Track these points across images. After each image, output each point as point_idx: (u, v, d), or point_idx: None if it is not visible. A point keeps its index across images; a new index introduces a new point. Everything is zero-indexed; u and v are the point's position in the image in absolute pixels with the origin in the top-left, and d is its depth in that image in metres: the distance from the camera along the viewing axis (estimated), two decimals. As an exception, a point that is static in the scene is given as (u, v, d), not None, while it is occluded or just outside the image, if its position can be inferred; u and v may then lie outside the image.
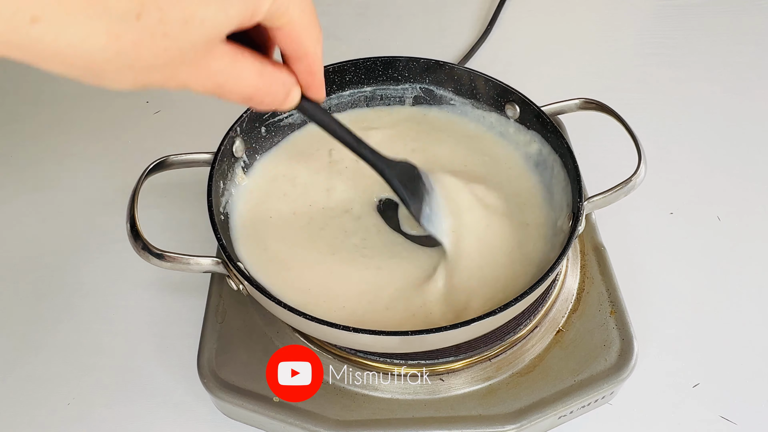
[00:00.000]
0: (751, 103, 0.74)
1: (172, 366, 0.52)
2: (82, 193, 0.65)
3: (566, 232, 0.46)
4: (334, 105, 0.57)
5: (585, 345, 0.48)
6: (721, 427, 0.49)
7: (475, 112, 0.57)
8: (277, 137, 0.55)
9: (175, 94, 0.73)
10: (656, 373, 0.51)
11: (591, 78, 0.77)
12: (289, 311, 0.40)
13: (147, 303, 0.56)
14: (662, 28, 0.84)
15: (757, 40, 0.82)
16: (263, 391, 0.45)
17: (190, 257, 0.42)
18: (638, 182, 0.46)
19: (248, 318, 0.49)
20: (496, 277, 0.47)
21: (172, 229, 0.60)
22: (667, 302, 0.55)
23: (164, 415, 0.50)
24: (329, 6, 0.87)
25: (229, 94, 0.29)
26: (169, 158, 0.47)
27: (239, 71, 0.29)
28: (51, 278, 0.58)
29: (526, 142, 0.54)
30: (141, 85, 0.26)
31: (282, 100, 0.32)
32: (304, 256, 0.48)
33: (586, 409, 0.47)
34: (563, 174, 0.50)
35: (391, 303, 0.46)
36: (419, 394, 0.45)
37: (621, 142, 0.48)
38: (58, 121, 0.72)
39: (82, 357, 0.53)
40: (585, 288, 0.51)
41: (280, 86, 0.31)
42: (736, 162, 0.67)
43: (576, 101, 0.52)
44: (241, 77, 0.29)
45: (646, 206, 0.62)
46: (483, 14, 0.85)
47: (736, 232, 0.61)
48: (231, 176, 0.51)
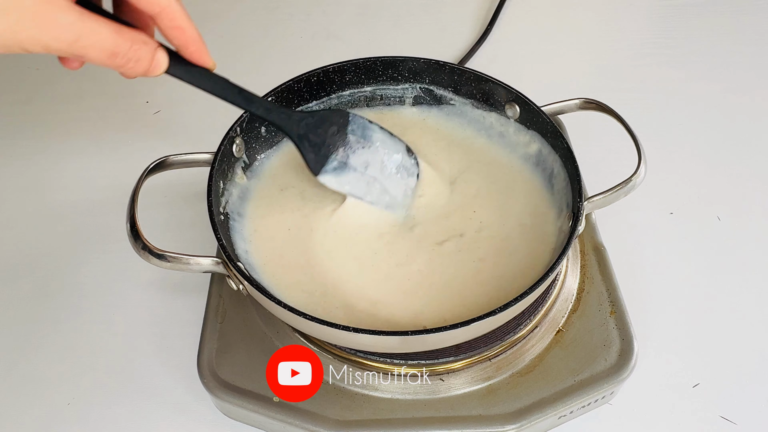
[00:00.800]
0: (751, 103, 0.73)
1: (172, 366, 0.52)
2: (82, 193, 0.65)
3: (566, 232, 0.46)
4: (334, 105, 0.57)
5: (585, 345, 0.48)
6: (721, 427, 0.49)
7: (475, 112, 0.57)
8: (278, 137, 0.55)
9: (175, 94, 0.73)
10: (656, 373, 0.51)
11: (591, 78, 0.77)
12: (289, 311, 0.40)
13: (147, 303, 0.56)
14: (662, 28, 0.84)
15: (757, 40, 0.82)
16: (263, 391, 0.45)
17: (190, 257, 0.42)
18: (638, 182, 0.46)
19: (248, 318, 0.49)
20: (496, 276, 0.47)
21: (172, 229, 0.60)
22: (667, 302, 0.55)
23: (164, 415, 0.50)
24: (329, 6, 0.87)
25: (90, 50, 0.32)
26: (169, 158, 0.47)
27: (91, 26, 0.31)
28: (51, 278, 0.58)
29: (526, 142, 0.54)
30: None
31: (149, 61, 0.35)
32: (304, 255, 0.48)
33: (586, 409, 0.47)
34: (563, 174, 0.50)
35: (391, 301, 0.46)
36: (419, 394, 0.45)
37: (621, 142, 0.48)
38: (58, 120, 0.72)
39: (82, 357, 0.53)
40: (585, 288, 0.51)
41: (142, 44, 0.34)
42: (736, 162, 0.67)
43: (576, 101, 0.52)
44: (96, 31, 0.32)
45: (646, 206, 0.62)
46: (483, 14, 0.85)
47: (736, 232, 0.61)
48: (231, 176, 0.51)
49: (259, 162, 0.54)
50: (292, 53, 0.80)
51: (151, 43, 0.35)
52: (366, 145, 0.48)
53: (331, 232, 0.50)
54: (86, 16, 0.31)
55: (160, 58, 0.36)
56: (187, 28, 0.36)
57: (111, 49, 0.33)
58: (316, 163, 0.47)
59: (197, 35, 0.37)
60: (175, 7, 0.34)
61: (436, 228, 0.50)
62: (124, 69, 0.34)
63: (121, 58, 0.33)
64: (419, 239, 0.49)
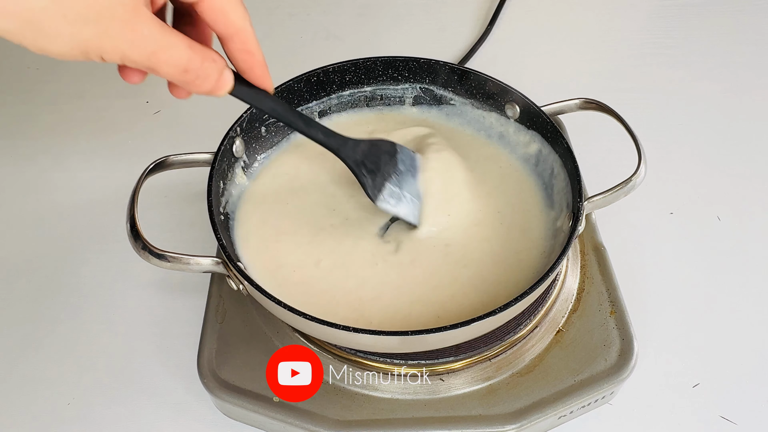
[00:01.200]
0: (751, 103, 0.74)
1: (172, 366, 0.52)
2: (82, 193, 0.65)
3: (566, 232, 0.46)
4: (334, 105, 0.57)
5: (585, 345, 0.48)
6: (721, 427, 0.49)
7: (475, 112, 0.57)
8: (277, 137, 0.55)
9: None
10: (656, 373, 0.51)
11: (591, 78, 0.77)
12: (289, 311, 0.40)
13: (147, 303, 0.56)
14: (662, 28, 0.84)
15: (757, 40, 0.82)
16: (263, 391, 0.45)
17: (190, 257, 0.42)
18: (638, 182, 0.46)
19: (248, 318, 0.49)
20: (494, 277, 0.47)
21: (172, 229, 0.60)
22: (667, 302, 0.55)
23: (164, 415, 0.50)
24: (329, 6, 0.87)
25: (164, 64, 0.31)
26: (169, 158, 0.47)
27: (170, 39, 0.31)
28: (51, 278, 0.58)
29: (526, 142, 0.54)
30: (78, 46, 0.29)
31: (216, 80, 0.34)
32: (305, 256, 0.49)
33: (586, 409, 0.47)
34: (563, 174, 0.50)
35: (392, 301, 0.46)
36: (419, 394, 0.45)
37: (621, 142, 0.48)
38: (58, 121, 0.72)
39: (82, 357, 0.53)
40: (585, 288, 0.51)
41: (211, 62, 0.33)
42: (736, 162, 0.67)
43: (576, 101, 0.52)
44: (172, 46, 0.31)
45: (646, 206, 0.62)
46: (483, 14, 0.85)
47: (736, 232, 0.61)
48: (231, 176, 0.51)
49: (259, 162, 0.54)
50: (292, 53, 0.80)
51: (219, 61, 0.34)
52: (413, 173, 0.49)
53: (330, 231, 0.50)
54: (166, 29, 0.31)
55: (227, 77, 0.35)
56: (256, 52, 0.35)
57: (184, 65, 0.32)
58: (373, 189, 0.46)
59: (263, 59, 0.36)
60: (249, 31, 0.34)
61: (428, 224, 0.50)
62: (190, 85, 0.33)
63: (191, 75, 0.33)
64: (418, 239, 0.49)
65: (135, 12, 0.30)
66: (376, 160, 0.46)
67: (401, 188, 0.48)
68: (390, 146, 0.48)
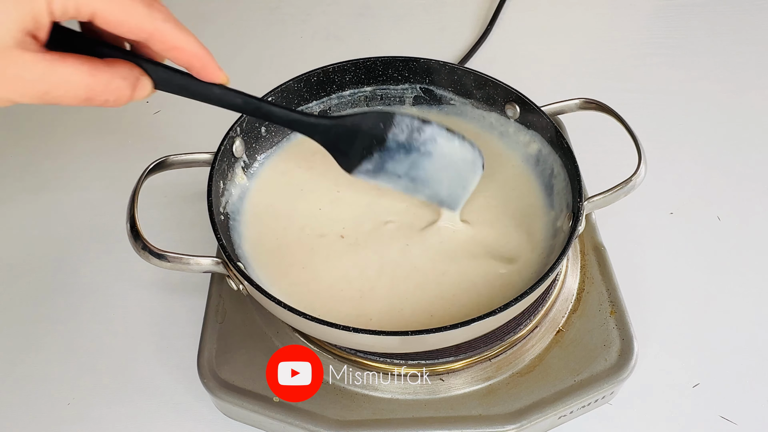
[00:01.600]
0: (751, 103, 0.73)
1: (172, 366, 0.52)
2: (82, 193, 0.65)
3: (566, 232, 0.46)
4: (334, 105, 0.57)
5: (585, 345, 0.48)
6: (721, 427, 0.49)
7: (475, 112, 0.57)
8: (277, 137, 0.55)
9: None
10: (656, 373, 0.51)
11: (591, 78, 0.77)
12: (289, 311, 0.40)
13: (147, 303, 0.56)
14: (662, 28, 0.84)
15: (757, 39, 0.82)
16: (263, 391, 0.45)
17: (190, 257, 0.42)
18: (638, 182, 0.46)
19: (248, 318, 0.49)
20: (493, 276, 0.47)
21: (172, 229, 0.60)
22: (667, 302, 0.55)
23: (164, 415, 0.50)
24: (329, 6, 0.87)
25: (61, 99, 0.30)
26: (169, 158, 0.47)
27: (63, 76, 0.30)
28: (51, 278, 0.58)
29: (526, 142, 0.54)
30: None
31: (131, 93, 0.33)
32: (304, 255, 0.49)
33: (586, 409, 0.47)
34: (563, 174, 0.50)
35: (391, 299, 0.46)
36: (419, 394, 0.45)
37: (621, 142, 0.48)
38: (58, 121, 0.72)
39: (82, 357, 0.53)
40: (585, 288, 0.51)
41: (120, 80, 0.32)
42: (736, 162, 0.67)
43: (576, 101, 0.52)
44: (67, 81, 0.30)
45: (646, 206, 0.62)
46: (483, 14, 0.85)
47: (736, 232, 0.61)
48: (231, 176, 0.51)
49: (259, 162, 0.54)
50: (292, 53, 0.80)
51: (131, 75, 0.33)
52: (411, 150, 0.45)
53: (330, 232, 0.50)
54: (57, 64, 0.29)
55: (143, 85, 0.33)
56: (185, 46, 0.33)
57: (84, 96, 0.31)
58: (348, 165, 0.45)
59: (199, 50, 0.33)
60: (165, 28, 0.31)
61: (428, 223, 0.50)
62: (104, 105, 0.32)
63: (99, 99, 0.31)
64: (418, 237, 0.49)
65: (8, 59, 0.28)
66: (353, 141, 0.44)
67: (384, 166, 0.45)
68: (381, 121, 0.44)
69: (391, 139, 0.45)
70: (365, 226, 0.50)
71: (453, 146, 0.46)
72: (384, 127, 0.44)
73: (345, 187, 0.53)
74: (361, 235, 0.50)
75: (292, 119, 0.41)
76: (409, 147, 0.45)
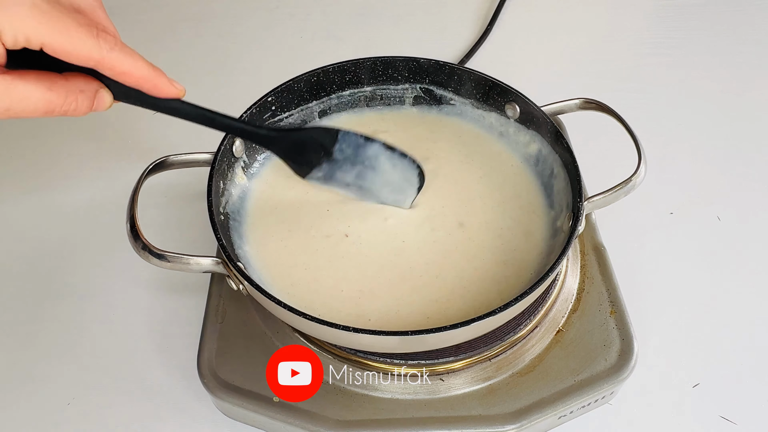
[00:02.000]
0: (751, 103, 0.74)
1: (172, 366, 0.52)
2: (82, 193, 0.65)
3: (566, 232, 0.46)
4: (334, 105, 0.57)
5: (585, 345, 0.48)
6: (721, 427, 0.49)
7: (475, 112, 0.57)
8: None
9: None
10: (656, 373, 0.51)
11: (591, 78, 0.77)
12: (289, 311, 0.40)
13: (147, 303, 0.56)
14: (662, 28, 0.84)
15: (757, 39, 0.82)
16: (263, 391, 0.45)
17: (190, 257, 0.42)
18: (638, 182, 0.46)
19: (248, 318, 0.49)
20: (493, 276, 0.47)
21: (172, 229, 0.60)
22: (667, 302, 0.55)
23: (164, 415, 0.50)
24: (329, 6, 0.87)
25: (22, 113, 0.32)
26: (169, 158, 0.47)
27: (23, 92, 0.32)
28: (51, 278, 0.58)
29: (526, 142, 0.54)
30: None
31: (89, 105, 0.35)
32: (304, 255, 0.49)
33: (586, 409, 0.47)
34: (563, 174, 0.50)
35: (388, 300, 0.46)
36: (419, 394, 0.45)
37: (621, 142, 0.48)
38: (57, 121, 0.72)
39: (82, 357, 0.53)
40: (585, 288, 0.51)
41: (78, 94, 0.34)
42: (736, 162, 0.67)
43: (576, 101, 0.52)
44: (27, 97, 0.32)
45: (646, 206, 0.62)
46: (483, 14, 0.85)
47: (736, 232, 0.61)
48: (231, 176, 0.51)
49: (259, 162, 0.54)
50: (292, 53, 0.80)
51: (89, 88, 0.35)
52: (356, 163, 0.49)
53: (332, 232, 0.50)
54: (15, 82, 0.32)
55: (102, 97, 0.35)
56: (133, 72, 0.34)
57: (44, 109, 0.33)
58: (300, 172, 0.48)
59: (148, 71, 0.35)
60: (112, 56, 0.33)
61: (428, 223, 0.50)
62: (65, 115, 0.34)
63: (58, 111, 0.34)
64: (418, 236, 0.50)
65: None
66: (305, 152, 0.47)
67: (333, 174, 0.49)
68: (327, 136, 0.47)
69: (337, 152, 0.48)
70: (366, 226, 0.50)
71: (394, 163, 0.50)
72: (330, 142, 0.48)
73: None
74: (362, 235, 0.50)
75: (247, 131, 0.45)
76: (354, 160, 0.49)
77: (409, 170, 0.50)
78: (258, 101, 0.51)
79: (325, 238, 0.50)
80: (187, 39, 0.82)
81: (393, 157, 0.49)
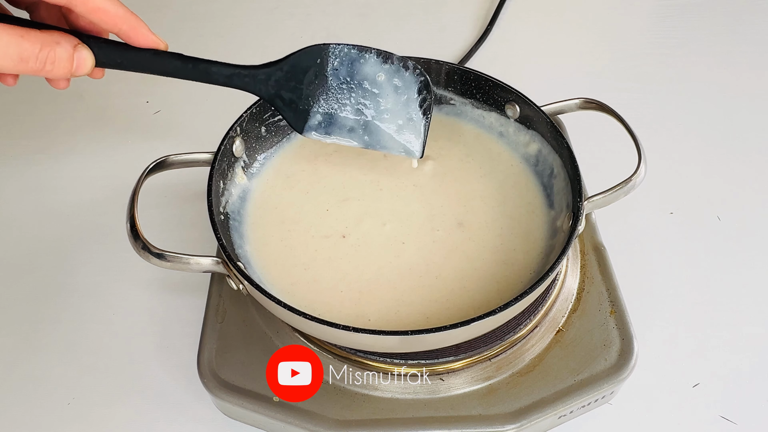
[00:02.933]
0: (751, 103, 0.74)
1: (172, 366, 0.52)
2: (82, 193, 0.65)
3: (566, 231, 0.46)
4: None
5: (585, 345, 0.48)
6: (721, 427, 0.49)
7: (475, 111, 0.57)
8: (278, 137, 0.55)
9: (175, 94, 0.73)
10: (656, 373, 0.51)
11: (591, 78, 0.77)
12: (290, 311, 0.40)
13: (147, 303, 0.56)
14: (662, 28, 0.84)
15: (757, 39, 0.82)
16: (263, 391, 0.45)
17: (190, 257, 0.42)
18: (638, 182, 0.46)
19: (248, 318, 0.49)
20: (493, 276, 0.47)
21: (172, 229, 0.60)
22: (667, 302, 0.55)
23: (164, 415, 0.50)
24: (329, 6, 0.88)
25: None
26: (169, 158, 0.47)
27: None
28: (51, 278, 0.58)
29: (525, 142, 0.54)
30: None
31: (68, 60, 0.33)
32: (304, 255, 0.49)
33: (586, 409, 0.47)
34: (563, 174, 0.50)
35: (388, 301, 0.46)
36: (419, 394, 0.45)
37: (621, 142, 0.48)
38: (57, 120, 0.72)
39: (82, 357, 0.53)
40: (585, 288, 0.51)
41: (54, 45, 0.32)
42: (736, 162, 0.67)
43: (576, 101, 0.52)
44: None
45: (646, 206, 0.62)
46: (483, 14, 0.85)
47: (736, 232, 0.61)
48: (231, 176, 0.51)
49: (259, 162, 0.54)
50: (292, 53, 0.80)
51: (64, 43, 0.33)
52: (354, 85, 0.44)
53: (331, 232, 0.50)
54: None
55: (82, 55, 0.33)
56: (108, 8, 0.32)
57: (18, 55, 0.31)
58: (297, 121, 0.44)
59: (126, 12, 0.33)
60: None
61: (428, 223, 0.50)
62: (44, 74, 0.33)
63: (33, 63, 0.32)
64: (418, 236, 0.50)
65: None
66: (296, 85, 0.43)
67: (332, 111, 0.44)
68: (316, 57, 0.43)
69: (331, 74, 0.43)
70: (366, 226, 0.50)
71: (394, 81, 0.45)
72: (322, 62, 0.43)
73: (351, 187, 0.53)
74: (362, 235, 0.50)
75: (229, 74, 0.41)
76: (351, 83, 0.44)
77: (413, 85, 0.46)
78: (258, 101, 0.51)
79: (324, 238, 0.50)
80: (187, 39, 0.82)
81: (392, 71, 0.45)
